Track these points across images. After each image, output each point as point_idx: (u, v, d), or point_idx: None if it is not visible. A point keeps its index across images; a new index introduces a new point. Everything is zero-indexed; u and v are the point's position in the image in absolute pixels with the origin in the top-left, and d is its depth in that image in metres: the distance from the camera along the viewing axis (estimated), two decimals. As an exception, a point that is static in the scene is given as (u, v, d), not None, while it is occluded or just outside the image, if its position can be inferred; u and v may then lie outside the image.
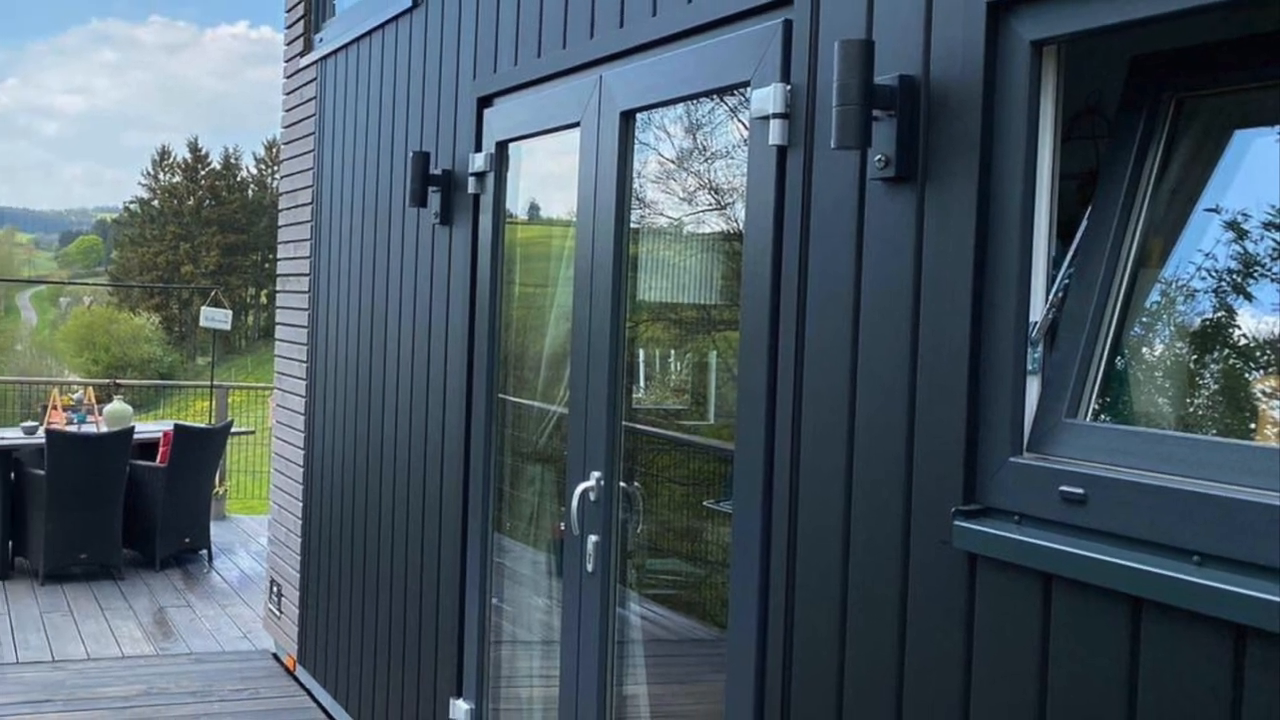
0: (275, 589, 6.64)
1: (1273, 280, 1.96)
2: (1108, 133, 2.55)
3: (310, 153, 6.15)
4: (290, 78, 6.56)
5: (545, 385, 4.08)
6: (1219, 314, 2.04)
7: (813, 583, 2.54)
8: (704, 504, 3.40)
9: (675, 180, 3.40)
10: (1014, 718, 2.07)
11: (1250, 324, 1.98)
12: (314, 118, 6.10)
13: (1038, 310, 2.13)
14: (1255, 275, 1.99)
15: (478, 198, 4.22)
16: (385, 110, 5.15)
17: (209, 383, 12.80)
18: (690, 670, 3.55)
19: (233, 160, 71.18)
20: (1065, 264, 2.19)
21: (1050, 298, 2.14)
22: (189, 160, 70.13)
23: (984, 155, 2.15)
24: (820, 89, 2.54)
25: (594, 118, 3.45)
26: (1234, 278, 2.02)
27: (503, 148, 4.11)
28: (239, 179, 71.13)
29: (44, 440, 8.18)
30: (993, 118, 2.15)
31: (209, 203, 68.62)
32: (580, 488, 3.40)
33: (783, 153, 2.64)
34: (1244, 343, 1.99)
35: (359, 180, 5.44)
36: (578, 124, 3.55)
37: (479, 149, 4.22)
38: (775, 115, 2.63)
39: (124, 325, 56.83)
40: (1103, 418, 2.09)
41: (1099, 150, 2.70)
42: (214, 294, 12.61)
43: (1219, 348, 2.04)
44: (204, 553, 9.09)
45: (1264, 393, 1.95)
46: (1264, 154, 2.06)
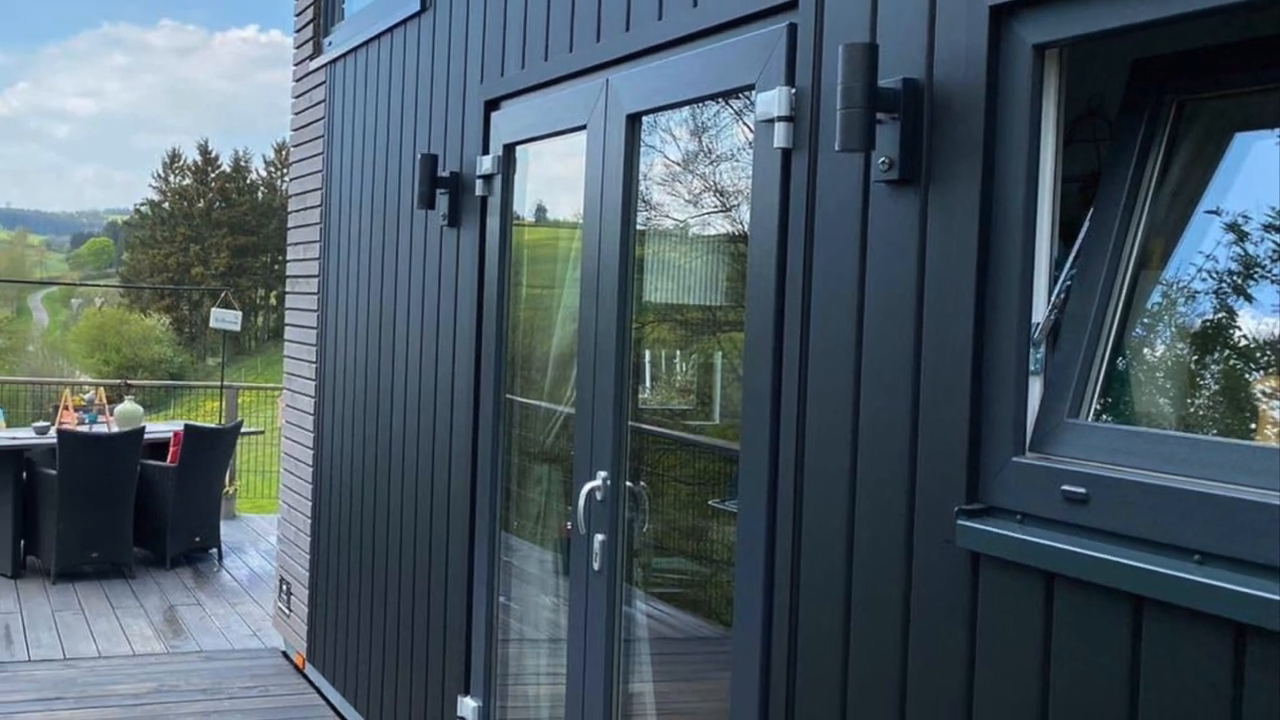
0: (285, 587, 6.67)
1: (1273, 282, 1.97)
2: (1109, 135, 2.57)
3: (319, 155, 6.17)
4: (299, 81, 6.58)
5: (552, 385, 4.10)
6: (1219, 315, 2.05)
7: (817, 581, 2.55)
8: (709, 503, 3.41)
9: (681, 182, 3.41)
10: (1017, 715, 2.08)
11: (1250, 325, 1.99)
12: (323, 120, 6.12)
13: (1040, 311, 2.14)
14: (1255, 277, 2.00)
15: (485, 200, 4.24)
16: (393, 113, 5.17)
17: (219, 383, 12.85)
18: (696, 668, 3.56)
19: (242, 163, 71.20)
20: (1067, 265, 2.20)
21: (1052, 299, 2.15)
22: (199, 163, 70.16)
23: (987, 158, 2.16)
24: (825, 92, 2.55)
25: (600, 120, 3.47)
26: (1234, 279, 2.03)
27: (510, 150, 4.13)
28: (249, 181, 71.13)
29: (56, 440, 8.22)
30: (995, 121, 2.16)
31: (219, 205, 68.63)
32: (587, 487, 3.42)
33: (787, 155, 2.66)
34: (1244, 343, 2.00)
35: (367, 182, 5.46)
36: (584, 127, 3.57)
37: (486, 152, 4.24)
38: (780, 118, 2.64)
39: (135, 326, 56.89)
40: (1104, 418, 2.10)
41: (1100, 153, 2.72)
42: (224, 295, 12.64)
43: (1219, 348, 2.05)
44: (214, 551, 9.13)
45: (1264, 393, 1.96)
46: (1264, 157, 2.07)
